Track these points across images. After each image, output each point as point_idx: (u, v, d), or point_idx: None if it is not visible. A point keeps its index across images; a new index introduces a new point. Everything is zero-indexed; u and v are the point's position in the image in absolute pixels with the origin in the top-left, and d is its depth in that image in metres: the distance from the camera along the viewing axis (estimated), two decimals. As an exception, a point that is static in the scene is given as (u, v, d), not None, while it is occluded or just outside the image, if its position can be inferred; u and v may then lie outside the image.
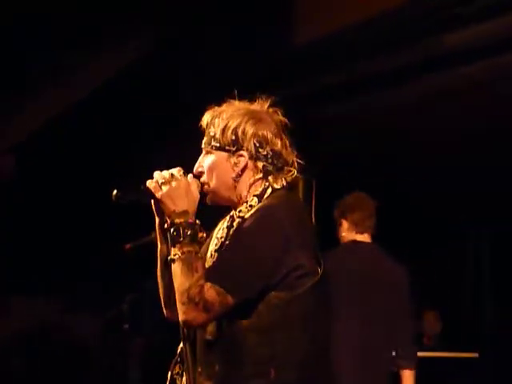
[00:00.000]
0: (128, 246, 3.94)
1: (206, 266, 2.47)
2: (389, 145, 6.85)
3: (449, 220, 8.84)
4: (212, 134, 2.57)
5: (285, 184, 2.56)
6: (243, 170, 2.55)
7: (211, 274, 2.39)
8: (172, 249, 2.43)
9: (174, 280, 2.42)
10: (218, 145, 2.56)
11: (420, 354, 6.73)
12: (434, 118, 6.26)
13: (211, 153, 2.58)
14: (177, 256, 2.40)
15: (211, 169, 2.57)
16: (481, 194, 7.98)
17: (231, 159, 2.55)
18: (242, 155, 2.54)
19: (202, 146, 2.62)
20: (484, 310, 9.14)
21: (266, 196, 2.53)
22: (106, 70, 6.31)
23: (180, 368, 2.57)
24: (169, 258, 2.44)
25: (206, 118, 2.60)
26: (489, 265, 9.27)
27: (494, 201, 8.16)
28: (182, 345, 2.53)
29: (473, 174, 7.41)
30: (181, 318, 2.38)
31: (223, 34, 6.07)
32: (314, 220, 4.18)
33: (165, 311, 2.71)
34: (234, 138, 2.54)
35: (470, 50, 5.24)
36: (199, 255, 2.45)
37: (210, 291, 2.34)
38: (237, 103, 2.61)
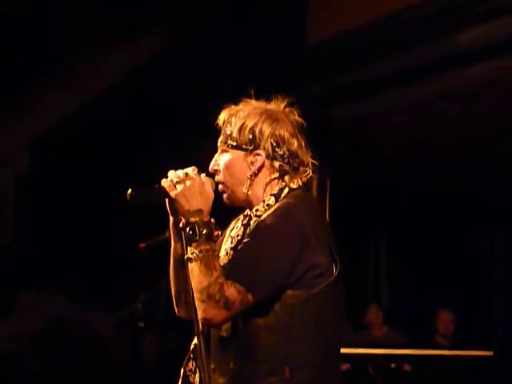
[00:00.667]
0: (142, 244, 3.96)
1: (221, 264, 2.48)
2: (402, 144, 6.84)
3: (463, 220, 8.82)
4: (228, 132, 2.57)
5: (301, 184, 2.57)
6: (260, 169, 2.56)
7: (232, 272, 2.41)
8: (188, 248, 2.43)
9: (191, 279, 2.43)
10: (234, 143, 2.56)
11: (434, 352, 6.76)
12: (448, 117, 6.25)
13: (227, 151, 2.58)
14: (194, 255, 2.41)
15: (227, 167, 2.58)
16: (494, 194, 7.95)
17: (248, 158, 2.56)
18: (258, 154, 2.55)
19: (218, 144, 2.62)
20: (498, 308, 9.11)
21: (282, 195, 2.54)
22: (112, 71, 6.33)
23: (193, 365, 2.56)
24: (185, 257, 2.45)
25: (222, 117, 2.60)
26: (502, 264, 9.23)
27: (507, 200, 8.13)
28: (195, 341, 2.53)
29: (487, 175, 7.39)
30: (200, 316, 2.39)
31: (233, 34, 6.06)
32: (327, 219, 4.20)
33: (176, 310, 2.71)
34: (251, 137, 2.54)
35: (484, 48, 5.22)
36: (216, 253, 2.47)
37: (231, 289, 2.36)
38: (254, 102, 2.62)
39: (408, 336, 7.55)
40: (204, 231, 2.42)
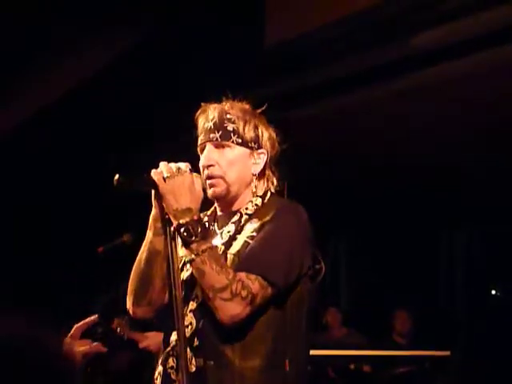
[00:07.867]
0: (100, 248, 3.94)
1: None
2: (361, 145, 6.87)
3: (422, 220, 8.88)
4: (230, 128, 2.54)
5: (277, 189, 2.65)
6: (264, 167, 2.60)
7: (253, 266, 2.39)
8: (186, 249, 2.39)
9: (200, 279, 2.37)
10: (240, 140, 2.55)
11: (393, 353, 6.79)
12: (409, 118, 6.28)
13: (229, 147, 2.55)
14: (200, 256, 2.35)
15: (232, 163, 2.56)
16: (455, 195, 8.02)
17: (252, 156, 2.58)
18: (263, 153, 2.59)
19: (210, 138, 2.56)
20: (457, 308, 9.19)
21: (266, 198, 2.59)
22: (92, 62, 6.26)
23: (174, 362, 2.49)
24: (186, 258, 2.41)
25: (212, 113, 2.57)
26: (462, 264, 9.32)
27: (468, 201, 8.21)
28: (173, 337, 2.48)
29: (446, 174, 7.45)
30: (224, 314, 2.34)
31: (193, 35, 6.05)
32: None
33: (132, 308, 2.61)
34: (254, 135, 2.57)
35: (441, 49, 5.27)
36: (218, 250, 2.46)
37: (256, 284, 2.36)
38: (236, 102, 2.62)
39: (367, 337, 7.59)
40: (199, 230, 2.36)
